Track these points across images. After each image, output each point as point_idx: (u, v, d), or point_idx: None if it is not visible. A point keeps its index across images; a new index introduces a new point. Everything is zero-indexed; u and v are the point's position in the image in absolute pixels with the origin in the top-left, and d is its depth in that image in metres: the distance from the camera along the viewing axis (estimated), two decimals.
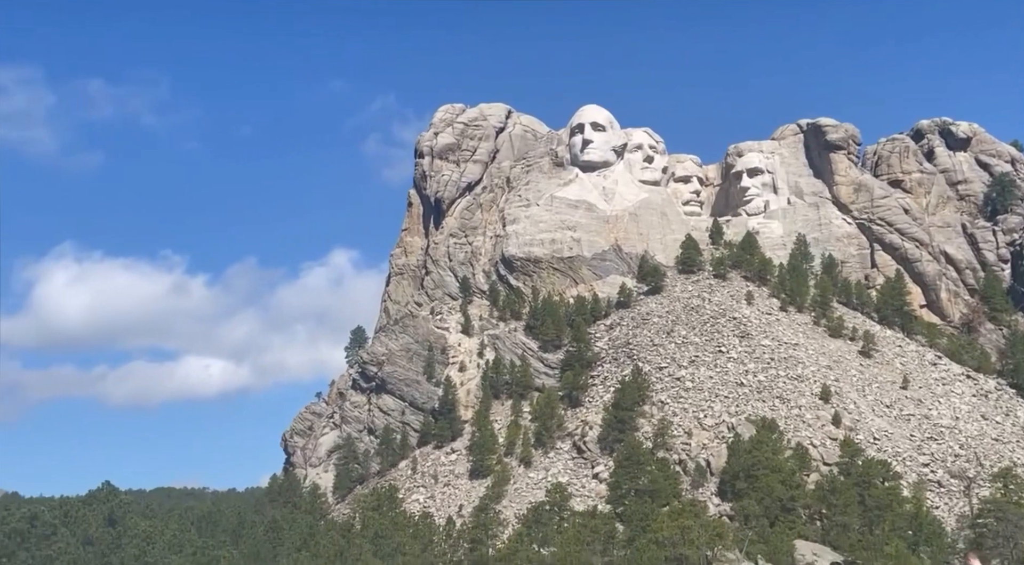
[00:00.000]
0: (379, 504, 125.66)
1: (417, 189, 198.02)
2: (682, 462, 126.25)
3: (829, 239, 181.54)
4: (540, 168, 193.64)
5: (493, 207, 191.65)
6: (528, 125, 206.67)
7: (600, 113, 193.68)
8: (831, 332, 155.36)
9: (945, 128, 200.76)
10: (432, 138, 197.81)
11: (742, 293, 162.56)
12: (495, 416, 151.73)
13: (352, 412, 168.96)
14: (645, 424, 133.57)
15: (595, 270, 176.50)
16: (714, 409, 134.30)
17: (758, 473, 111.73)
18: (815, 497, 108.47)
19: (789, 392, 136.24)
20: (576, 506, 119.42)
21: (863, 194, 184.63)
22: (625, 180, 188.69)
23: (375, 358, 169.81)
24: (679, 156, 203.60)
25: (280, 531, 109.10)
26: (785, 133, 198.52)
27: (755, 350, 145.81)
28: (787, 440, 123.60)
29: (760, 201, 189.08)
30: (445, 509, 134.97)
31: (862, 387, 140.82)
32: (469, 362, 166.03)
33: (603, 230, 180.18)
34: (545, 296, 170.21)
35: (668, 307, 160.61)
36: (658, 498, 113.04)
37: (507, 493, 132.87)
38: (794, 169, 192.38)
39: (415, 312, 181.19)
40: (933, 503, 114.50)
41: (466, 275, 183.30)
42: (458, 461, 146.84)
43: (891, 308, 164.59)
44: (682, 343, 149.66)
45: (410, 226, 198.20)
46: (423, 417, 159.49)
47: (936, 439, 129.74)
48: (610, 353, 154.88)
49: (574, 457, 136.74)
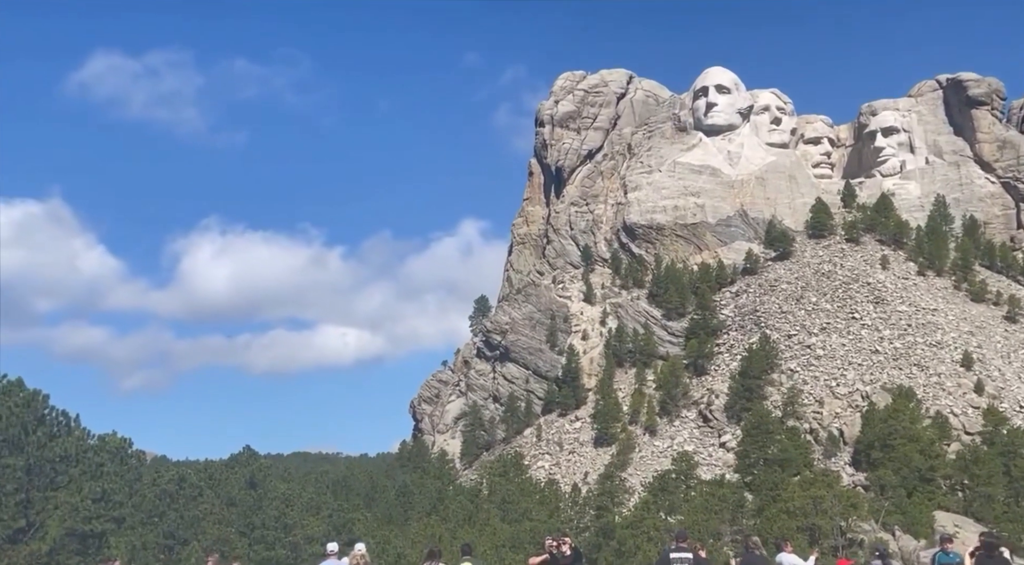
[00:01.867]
0: (505, 470, 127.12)
1: (538, 158, 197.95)
2: (813, 431, 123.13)
3: (971, 199, 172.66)
4: (662, 133, 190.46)
5: (614, 174, 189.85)
6: (650, 90, 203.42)
7: (725, 75, 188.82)
8: (973, 296, 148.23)
9: None
10: (552, 106, 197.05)
11: (876, 257, 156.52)
12: (619, 384, 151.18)
13: (477, 380, 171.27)
14: (774, 392, 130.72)
15: (720, 236, 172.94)
16: (847, 377, 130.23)
17: (895, 442, 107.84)
18: (956, 467, 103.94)
19: (928, 359, 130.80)
20: (703, 475, 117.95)
21: (1008, 151, 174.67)
22: (751, 143, 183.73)
23: (499, 327, 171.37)
24: (808, 117, 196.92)
25: (410, 495, 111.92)
26: (923, 89, 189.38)
27: (891, 316, 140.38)
28: (926, 409, 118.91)
29: (896, 161, 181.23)
30: (570, 476, 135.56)
31: (1007, 353, 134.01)
32: (592, 330, 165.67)
33: (728, 195, 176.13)
34: (668, 264, 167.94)
35: (797, 273, 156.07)
36: (788, 467, 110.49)
37: (632, 461, 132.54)
38: (932, 127, 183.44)
39: (537, 281, 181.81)
40: None
41: (587, 243, 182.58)
42: (582, 429, 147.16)
43: None
44: (812, 310, 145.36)
45: (531, 195, 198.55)
46: (547, 385, 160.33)
47: None
48: (736, 321, 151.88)
49: (700, 426, 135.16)
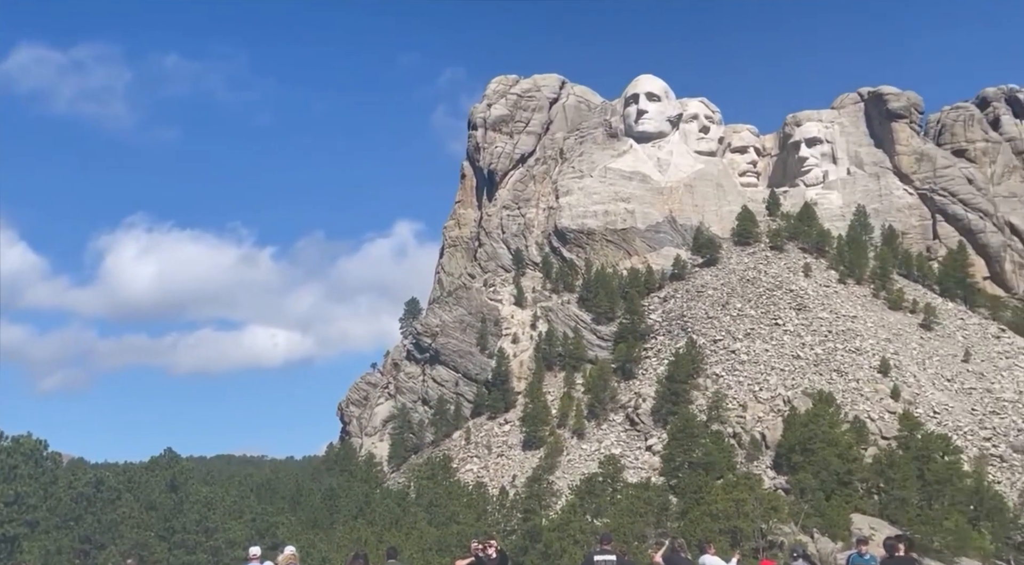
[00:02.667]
0: (433, 473, 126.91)
1: (471, 161, 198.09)
2: (736, 435, 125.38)
3: (890, 210, 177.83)
4: (594, 139, 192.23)
5: (546, 179, 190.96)
6: (582, 96, 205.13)
7: (655, 83, 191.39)
8: (891, 305, 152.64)
9: (1012, 95, 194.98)
10: (485, 110, 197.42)
11: (799, 265, 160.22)
12: (548, 388, 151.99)
13: (406, 383, 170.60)
14: (699, 397, 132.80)
15: (649, 242, 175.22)
16: (770, 382, 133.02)
17: (815, 446, 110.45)
18: (873, 471, 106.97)
19: (847, 365, 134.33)
20: (629, 478, 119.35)
21: (926, 164, 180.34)
22: (680, 151, 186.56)
23: (429, 329, 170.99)
24: (736, 126, 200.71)
25: (337, 499, 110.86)
26: (845, 102, 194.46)
27: (812, 323, 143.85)
28: (844, 414, 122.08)
29: (819, 171, 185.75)
30: (498, 479, 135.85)
31: (922, 360, 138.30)
32: (522, 334, 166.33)
33: (657, 201, 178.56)
34: (598, 268, 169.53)
35: (723, 279, 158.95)
36: (712, 471, 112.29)
37: (560, 464, 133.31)
38: (854, 139, 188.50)
39: (468, 284, 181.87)
40: (995, 478, 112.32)
41: (519, 247, 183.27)
42: (511, 432, 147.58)
43: (953, 280, 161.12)
44: (737, 316, 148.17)
45: (463, 198, 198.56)
46: (476, 388, 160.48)
47: (998, 413, 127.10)
48: (664, 325, 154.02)
49: (627, 429, 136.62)
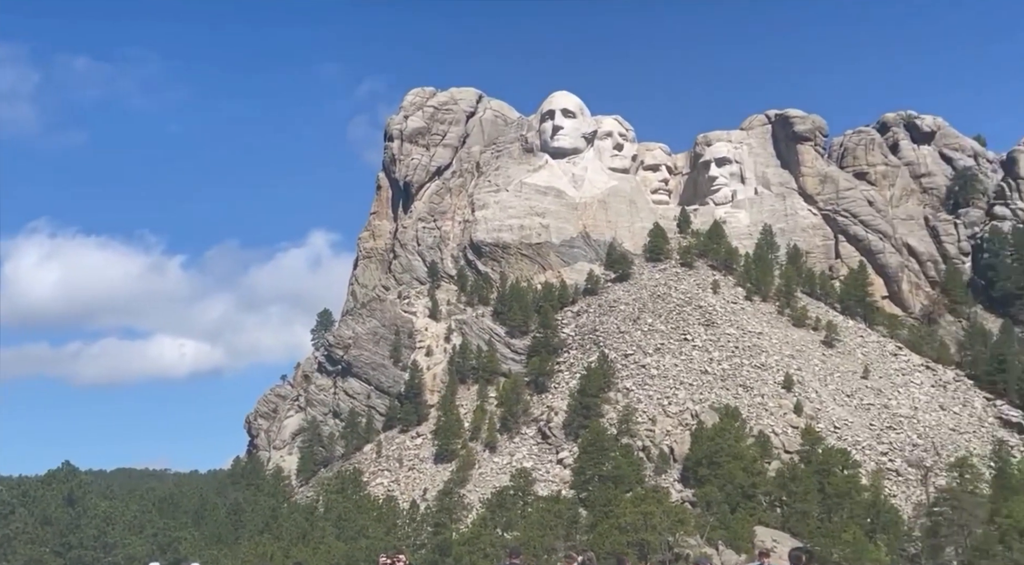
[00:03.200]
0: (343, 487, 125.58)
1: (387, 172, 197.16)
2: (646, 448, 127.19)
3: (795, 229, 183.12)
4: (510, 154, 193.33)
5: (462, 192, 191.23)
6: (499, 110, 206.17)
7: (571, 100, 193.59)
8: (795, 322, 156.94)
9: (910, 121, 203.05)
10: (402, 121, 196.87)
11: (708, 282, 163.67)
12: (461, 401, 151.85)
13: (317, 395, 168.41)
14: (610, 410, 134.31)
15: (563, 257, 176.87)
16: (678, 396, 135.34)
17: (720, 460, 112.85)
18: (776, 484, 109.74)
19: (752, 380, 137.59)
20: (540, 491, 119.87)
21: (829, 185, 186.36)
22: (594, 167, 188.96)
23: (341, 341, 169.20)
24: (648, 144, 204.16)
25: (242, 513, 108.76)
26: (753, 123, 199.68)
27: (720, 338, 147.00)
28: (749, 428, 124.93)
29: (728, 191, 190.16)
30: (409, 493, 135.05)
31: (824, 376, 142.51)
32: (436, 347, 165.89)
33: (572, 217, 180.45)
34: (513, 282, 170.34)
35: (635, 295, 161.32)
36: (621, 484, 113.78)
37: (471, 478, 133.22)
38: (762, 159, 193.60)
39: (382, 296, 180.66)
40: (891, 491, 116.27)
41: (434, 260, 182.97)
42: (423, 445, 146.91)
43: (854, 299, 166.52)
44: (648, 331, 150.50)
45: (379, 209, 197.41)
46: (389, 401, 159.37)
47: (895, 428, 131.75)
48: (577, 340, 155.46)
49: (539, 442, 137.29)
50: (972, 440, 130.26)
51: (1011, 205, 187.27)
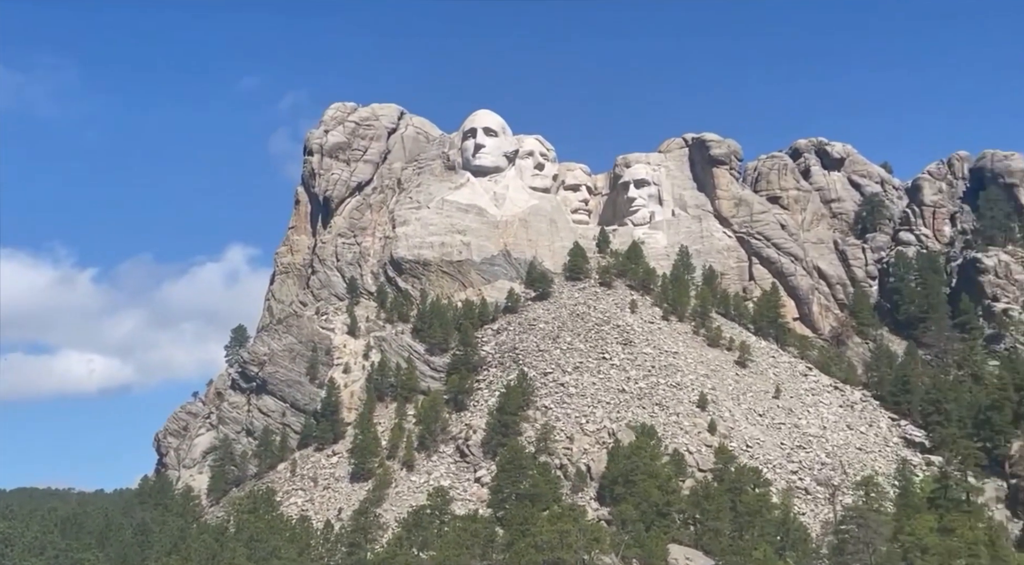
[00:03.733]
0: (255, 507, 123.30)
1: (306, 187, 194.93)
2: (563, 467, 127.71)
3: (710, 251, 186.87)
4: (432, 171, 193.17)
5: (383, 208, 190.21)
6: (420, 127, 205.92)
7: (493, 118, 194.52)
8: (710, 341, 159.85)
9: (821, 148, 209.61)
10: (322, 136, 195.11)
11: (626, 301, 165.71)
12: (379, 419, 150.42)
13: (230, 413, 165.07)
14: (528, 429, 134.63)
15: (484, 274, 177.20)
16: (596, 415, 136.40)
17: (636, 478, 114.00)
18: (690, 502, 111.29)
19: (668, 399, 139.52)
20: (457, 510, 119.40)
21: (743, 209, 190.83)
22: (516, 186, 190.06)
23: (256, 358, 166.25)
24: (569, 164, 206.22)
25: (149, 534, 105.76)
26: (671, 146, 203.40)
27: (637, 357, 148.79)
28: (665, 446, 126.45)
29: (646, 212, 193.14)
30: (324, 512, 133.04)
31: (737, 396, 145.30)
32: (354, 364, 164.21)
33: (493, 235, 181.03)
34: (433, 299, 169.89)
35: (555, 313, 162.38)
36: (538, 502, 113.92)
37: (388, 497, 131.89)
38: (679, 182, 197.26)
39: (300, 312, 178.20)
40: (800, 509, 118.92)
41: (353, 276, 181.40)
42: (339, 464, 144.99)
43: (766, 320, 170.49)
44: (567, 349, 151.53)
45: (297, 224, 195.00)
46: (304, 419, 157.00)
47: (804, 447, 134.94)
48: (496, 357, 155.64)
49: (457, 461, 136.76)
50: (877, 459, 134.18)
51: (915, 231, 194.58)
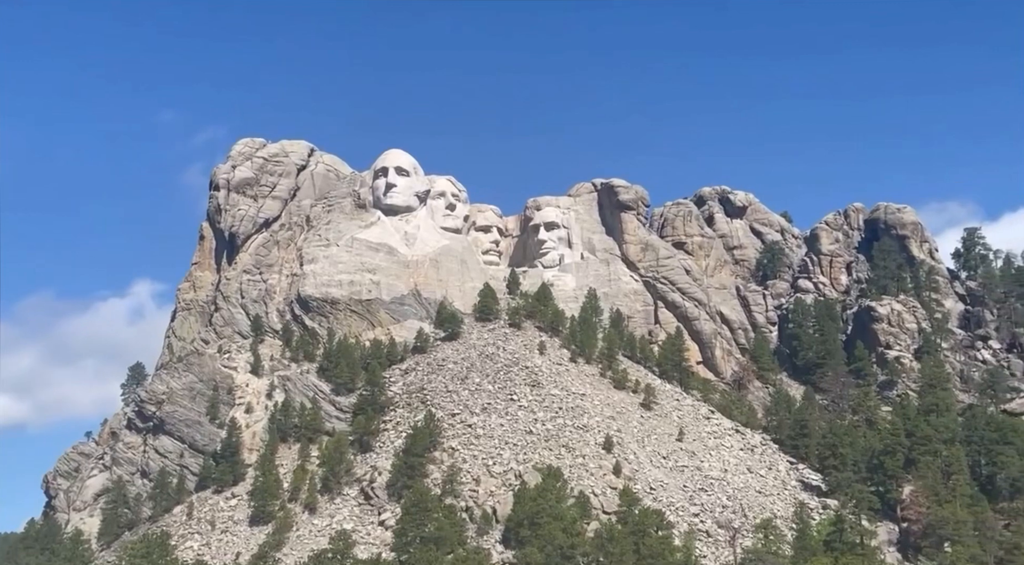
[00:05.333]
0: (148, 552, 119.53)
1: (211, 223, 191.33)
2: (469, 509, 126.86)
3: (618, 294, 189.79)
4: (342, 209, 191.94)
5: (291, 245, 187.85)
6: (331, 164, 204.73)
7: (405, 158, 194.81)
8: (616, 384, 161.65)
9: (724, 196, 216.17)
10: (229, 171, 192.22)
11: (535, 343, 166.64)
12: (281, 460, 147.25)
13: (125, 453, 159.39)
14: (435, 470, 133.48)
15: (393, 314, 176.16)
16: (503, 456, 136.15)
17: (541, 521, 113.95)
18: (594, 545, 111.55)
19: (575, 441, 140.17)
20: (360, 554, 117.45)
21: (649, 253, 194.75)
22: (427, 226, 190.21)
23: (154, 397, 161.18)
24: (480, 206, 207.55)
25: None
26: (581, 190, 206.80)
27: (545, 399, 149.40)
28: (571, 488, 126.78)
29: (555, 254, 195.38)
30: (221, 557, 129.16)
31: (642, 438, 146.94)
32: (257, 403, 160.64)
33: (403, 274, 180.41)
34: (340, 338, 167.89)
35: (464, 354, 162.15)
36: (443, 545, 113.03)
37: (289, 540, 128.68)
38: (588, 225, 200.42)
39: (201, 350, 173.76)
40: (701, 552, 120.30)
41: (258, 313, 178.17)
42: (238, 506, 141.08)
43: (671, 363, 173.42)
44: (476, 390, 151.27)
45: (201, 260, 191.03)
46: (203, 460, 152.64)
47: (706, 490, 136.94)
48: (404, 398, 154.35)
49: (361, 503, 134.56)
50: (776, 502, 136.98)
51: (813, 279, 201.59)
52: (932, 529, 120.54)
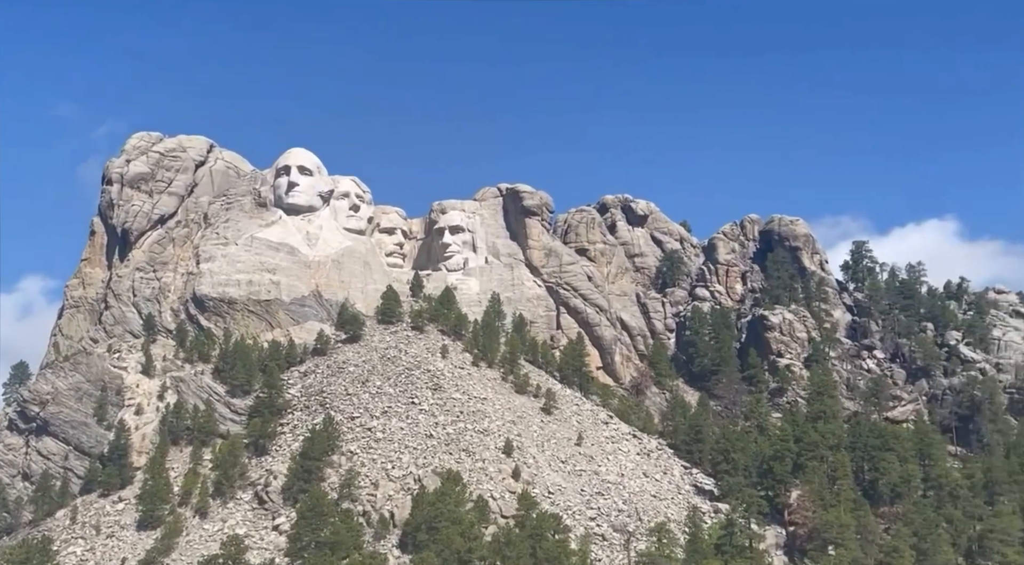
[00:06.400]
0: (28, 557, 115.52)
1: (103, 218, 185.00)
2: (366, 514, 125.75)
3: (521, 299, 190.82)
4: (241, 207, 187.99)
5: (187, 243, 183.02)
6: (231, 161, 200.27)
7: (308, 157, 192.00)
8: (517, 388, 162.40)
9: (626, 204, 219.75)
10: (123, 165, 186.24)
11: (438, 346, 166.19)
12: (172, 463, 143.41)
13: (5, 455, 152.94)
14: (332, 474, 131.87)
15: (293, 315, 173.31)
16: (403, 460, 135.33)
17: (439, 525, 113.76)
18: (491, 549, 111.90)
19: (475, 445, 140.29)
20: (252, 559, 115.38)
21: (553, 259, 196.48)
22: (330, 227, 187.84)
23: (38, 397, 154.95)
24: (385, 207, 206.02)
25: None
26: (486, 195, 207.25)
27: (446, 403, 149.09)
28: (470, 493, 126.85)
29: (460, 258, 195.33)
30: (106, 562, 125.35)
31: (541, 442, 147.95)
32: (147, 405, 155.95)
33: (304, 275, 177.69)
34: (238, 339, 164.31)
35: (365, 356, 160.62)
36: (339, 550, 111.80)
37: (178, 546, 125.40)
38: (492, 230, 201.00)
39: (90, 349, 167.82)
40: (596, 556, 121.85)
41: (151, 312, 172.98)
42: (126, 511, 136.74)
43: (571, 368, 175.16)
44: (376, 393, 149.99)
45: (91, 256, 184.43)
46: (89, 463, 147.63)
47: (603, 494, 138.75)
48: (302, 401, 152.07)
49: (255, 508, 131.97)
50: (670, 506, 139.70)
51: (710, 288, 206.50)
52: (817, 533, 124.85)
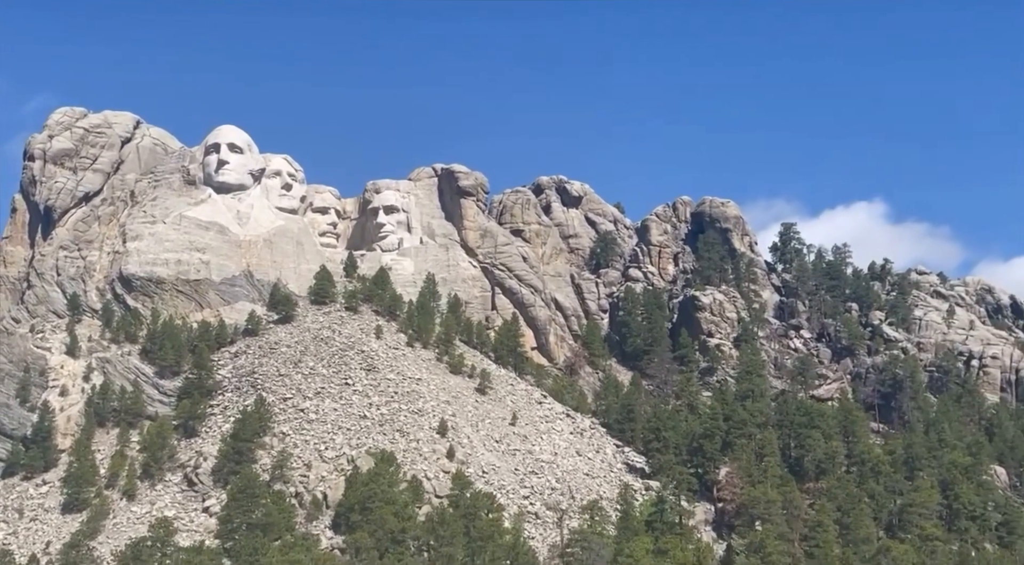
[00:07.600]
0: None
1: (25, 195, 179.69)
2: (299, 495, 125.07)
3: (456, 280, 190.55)
4: (169, 184, 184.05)
5: (113, 221, 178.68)
6: (159, 138, 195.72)
7: (238, 134, 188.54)
8: (452, 369, 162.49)
9: (561, 185, 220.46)
10: (46, 141, 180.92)
11: (372, 327, 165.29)
12: (98, 446, 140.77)
13: None
14: (264, 456, 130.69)
15: (223, 295, 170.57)
16: (336, 441, 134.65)
17: (373, 505, 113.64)
18: (425, 529, 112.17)
19: (409, 426, 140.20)
20: (182, 542, 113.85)
21: (488, 240, 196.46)
22: (261, 205, 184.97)
23: None
24: (318, 187, 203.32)
25: None
26: (421, 175, 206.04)
27: (380, 384, 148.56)
28: (404, 473, 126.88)
29: (394, 238, 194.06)
30: (29, 546, 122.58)
31: (476, 422, 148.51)
32: (72, 386, 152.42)
33: (235, 254, 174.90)
34: (166, 319, 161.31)
35: (298, 337, 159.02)
36: (270, 532, 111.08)
37: (104, 529, 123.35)
38: (428, 210, 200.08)
39: (11, 329, 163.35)
40: (530, 534, 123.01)
41: (76, 292, 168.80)
42: (50, 494, 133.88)
43: (506, 348, 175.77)
44: (309, 374, 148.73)
45: (12, 234, 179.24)
46: (12, 445, 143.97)
47: (537, 473, 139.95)
48: (233, 382, 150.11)
49: (184, 490, 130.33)
50: (603, 484, 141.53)
51: (643, 269, 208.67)
52: (745, 509, 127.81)
